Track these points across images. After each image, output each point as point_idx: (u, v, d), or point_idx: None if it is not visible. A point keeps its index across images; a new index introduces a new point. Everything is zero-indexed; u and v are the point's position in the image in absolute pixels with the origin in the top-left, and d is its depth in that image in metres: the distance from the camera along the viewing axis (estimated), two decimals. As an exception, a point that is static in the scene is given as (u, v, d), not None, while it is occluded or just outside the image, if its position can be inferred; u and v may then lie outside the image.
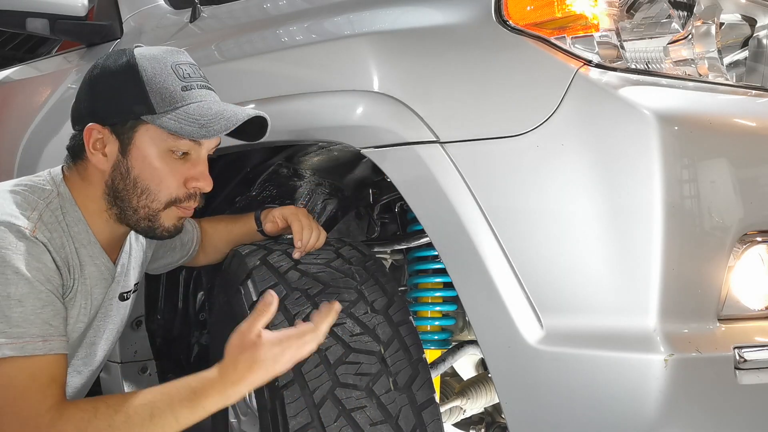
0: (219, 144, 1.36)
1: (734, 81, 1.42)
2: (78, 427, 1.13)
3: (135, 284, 1.53)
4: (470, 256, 1.20)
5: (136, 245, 1.51)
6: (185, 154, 1.30)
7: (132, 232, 1.44)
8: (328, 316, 1.22)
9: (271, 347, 1.18)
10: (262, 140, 1.38)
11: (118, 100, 1.28)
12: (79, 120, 1.32)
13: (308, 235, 1.43)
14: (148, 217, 1.31)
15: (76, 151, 1.33)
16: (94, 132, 1.29)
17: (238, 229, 1.62)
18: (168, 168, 1.29)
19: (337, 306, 1.23)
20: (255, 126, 1.34)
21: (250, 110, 1.32)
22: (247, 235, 1.58)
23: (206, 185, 1.32)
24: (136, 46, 1.31)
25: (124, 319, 1.54)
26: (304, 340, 1.20)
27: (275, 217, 1.51)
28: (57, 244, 1.25)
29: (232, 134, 1.35)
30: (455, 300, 1.64)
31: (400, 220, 1.81)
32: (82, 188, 1.33)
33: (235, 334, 1.20)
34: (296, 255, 1.39)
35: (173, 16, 1.97)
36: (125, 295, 1.48)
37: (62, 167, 1.37)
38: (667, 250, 1.07)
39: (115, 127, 1.28)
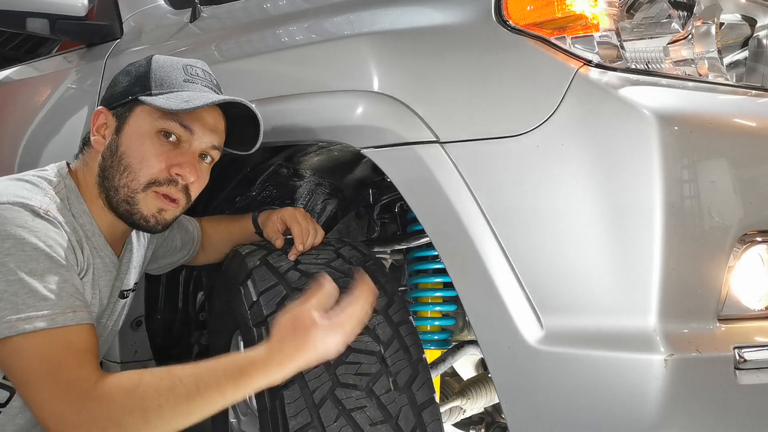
0: (219, 147, 1.37)
1: (734, 81, 1.42)
2: (125, 390, 1.10)
3: (134, 283, 1.54)
4: (470, 256, 1.20)
5: (137, 244, 1.52)
6: (177, 142, 1.31)
7: (133, 231, 1.45)
8: (364, 284, 1.21)
9: (322, 332, 1.15)
10: (255, 148, 1.40)
11: (124, 85, 1.34)
12: None
13: (308, 237, 1.44)
14: (127, 199, 1.30)
15: (86, 138, 1.38)
16: (101, 116, 1.35)
17: (237, 230, 1.62)
18: (153, 149, 1.29)
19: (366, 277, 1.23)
20: (250, 132, 1.37)
21: (240, 99, 1.34)
22: (246, 236, 1.58)
23: (189, 174, 1.30)
24: None
25: (122, 318, 1.54)
26: (352, 319, 1.18)
27: (275, 222, 1.50)
28: (69, 228, 1.26)
29: (229, 145, 1.39)
30: (455, 300, 1.64)
31: (400, 220, 1.81)
32: (85, 177, 1.35)
33: (285, 315, 1.18)
34: (292, 257, 1.39)
35: (173, 16, 1.98)
36: (125, 293, 1.49)
37: (66, 162, 1.39)
38: (667, 250, 1.07)
39: (117, 110, 1.33)
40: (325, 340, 1.15)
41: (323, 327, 1.15)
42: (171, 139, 1.30)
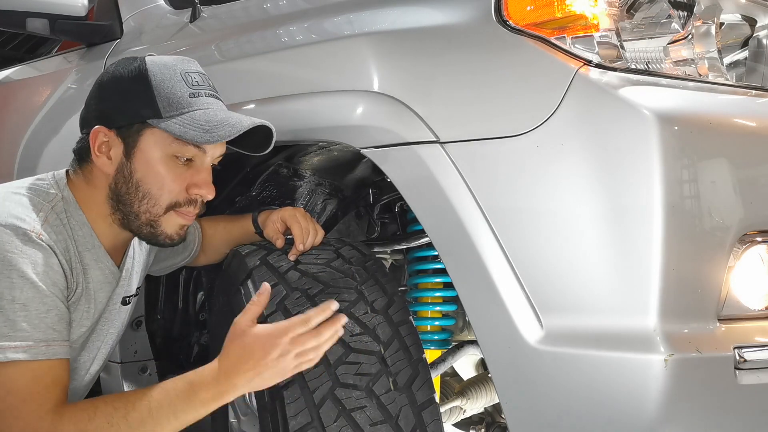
0: (224, 154, 1.36)
1: (734, 81, 1.42)
2: (78, 427, 1.14)
3: (137, 288, 1.54)
4: (470, 256, 1.20)
5: (139, 249, 1.51)
6: (189, 160, 1.30)
7: (134, 238, 1.44)
8: (323, 312, 1.19)
9: (259, 336, 1.17)
10: (267, 151, 1.38)
11: (125, 103, 1.29)
12: (86, 123, 1.33)
13: (308, 236, 1.43)
14: (150, 223, 1.31)
15: (82, 154, 1.34)
16: (100, 135, 1.30)
17: (237, 230, 1.62)
18: (171, 173, 1.29)
19: (334, 305, 1.20)
20: (259, 136, 1.35)
21: (255, 119, 1.32)
22: (246, 236, 1.58)
23: (208, 193, 1.32)
24: (148, 55, 1.33)
25: (125, 323, 1.54)
26: (298, 334, 1.16)
27: (275, 222, 1.50)
28: (61, 247, 1.25)
29: (236, 145, 1.37)
30: (455, 300, 1.64)
31: (400, 220, 1.81)
32: (86, 192, 1.33)
33: (231, 326, 1.21)
34: (292, 257, 1.39)
35: (173, 16, 1.97)
36: (127, 299, 1.49)
37: (66, 171, 1.37)
38: (667, 250, 1.07)
39: (120, 130, 1.29)
40: (263, 345, 1.16)
41: (260, 331, 1.17)
42: (184, 160, 1.30)
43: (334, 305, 1.21)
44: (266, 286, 1.23)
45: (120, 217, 1.33)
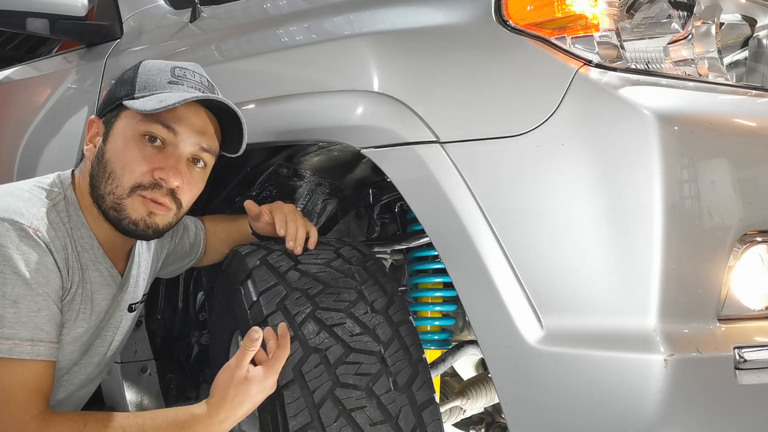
0: (210, 149, 1.33)
1: (734, 81, 1.42)
2: None
3: (143, 295, 1.53)
4: (470, 256, 1.20)
5: (146, 255, 1.50)
6: (162, 146, 1.27)
7: (141, 243, 1.44)
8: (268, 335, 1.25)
9: (260, 381, 1.22)
10: (242, 150, 1.37)
11: (113, 91, 1.32)
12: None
13: (293, 227, 1.42)
14: (114, 206, 1.27)
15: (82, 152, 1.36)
16: (94, 125, 1.33)
17: (235, 231, 1.62)
18: (137, 153, 1.26)
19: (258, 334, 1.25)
20: (238, 137, 1.35)
21: (212, 96, 1.30)
22: (244, 237, 1.58)
23: (173, 178, 1.26)
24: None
25: (131, 329, 1.54)
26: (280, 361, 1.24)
27: (263, 211, 1.50)
28: (59, 245, 1.24)
29: (224, 149, 1.38)
30: (455, 300, 1.64)
31: (400, 220, 1.81)
32: (82, 188, 1.33)
33: (223, 372, 1.24)
34: (290, 246, 1.40)
35: (173, 16, 1.97)
36: (133, 306, 1.48)
37: (72, 171, 1.37)
38: (667, 250, 1.07)
39: (106, 117, 1.32)
40: (262, 387, 1.23)
41: (259, 377, 1.22)
42: (156, 143, 1.26)
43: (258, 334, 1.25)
44: (257, 332, 1.25)
45: (96, 205, 1.30)
